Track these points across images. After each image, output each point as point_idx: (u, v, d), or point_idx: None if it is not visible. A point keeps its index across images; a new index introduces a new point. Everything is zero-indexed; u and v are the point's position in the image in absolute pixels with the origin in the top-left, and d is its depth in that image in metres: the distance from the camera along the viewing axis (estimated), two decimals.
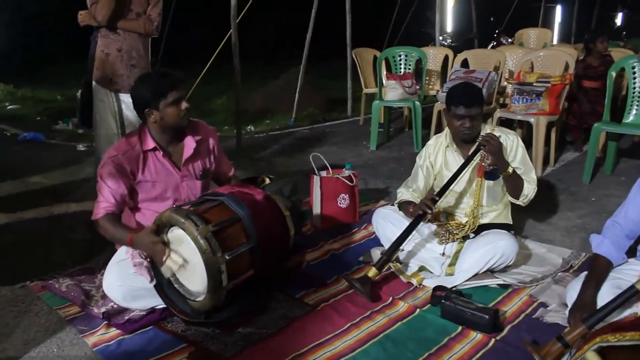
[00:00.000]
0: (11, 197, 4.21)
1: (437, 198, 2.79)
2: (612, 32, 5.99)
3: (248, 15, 6.74)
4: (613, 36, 10.07)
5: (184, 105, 2.52)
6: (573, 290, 2.39)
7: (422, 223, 2.82)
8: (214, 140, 2.84)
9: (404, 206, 2.99)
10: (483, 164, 2.83)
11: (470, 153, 2.86)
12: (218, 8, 6.65)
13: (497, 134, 2.85)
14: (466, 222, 2.93)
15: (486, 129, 2.92)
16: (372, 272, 2.62)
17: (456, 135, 2.90)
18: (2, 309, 2.57)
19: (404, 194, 3.08)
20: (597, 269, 2.35)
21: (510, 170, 2.77)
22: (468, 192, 2.97)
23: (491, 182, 2.88)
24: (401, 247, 2.80)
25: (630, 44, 9.82)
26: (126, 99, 3.48)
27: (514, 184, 2.82)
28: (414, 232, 2.77)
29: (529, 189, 2.84)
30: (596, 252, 2.39)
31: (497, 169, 2.80)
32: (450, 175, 2.87)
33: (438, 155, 3.04)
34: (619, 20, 17.51)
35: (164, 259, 2.35)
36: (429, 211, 2.73)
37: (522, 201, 2.87)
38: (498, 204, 2.96)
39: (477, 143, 2.80)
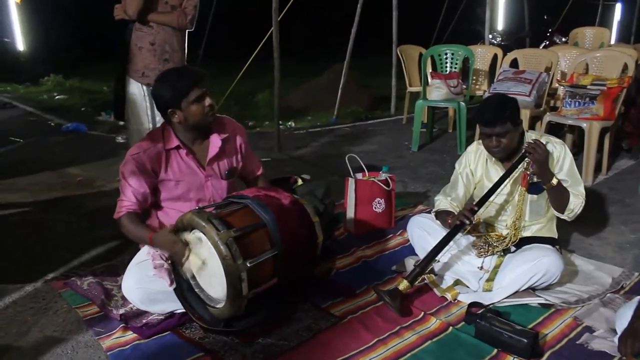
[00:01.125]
0: (46, 187, 4.21)
1: (477, 208, 2.60)
2: None
3: (292, 11, 6.62)
4: None
5: (208, 101, 2.43)
6: (624, 317, 2.17)
7: (460, 234, 2.64)
8: (242, 138, 2.73)
9: (441, 216, 2.81)
10: (527, 172, 2.63)
11: (514, 161, 2.65)
12: (261, 3, 6.57)
13: (543, 141, 2.64)
14: (507, 235, 2.74)
15: (532, 136, 2.71)
16: (403, 284, 2.46)
17: (491, 154, 2.72)
18: (22, 305, 2.55)
19: (442, 202, 2.90)
20: None
21: (555, 181, 2.56)
22: (510, 203, 2.77)
23: (535, 195, 2.68)
24: (436, 259, 2.62)
25: None
26: None
27: (559, 197, 2.61)
28: (450, 243, 2.59)
29: (576, 204, 2.61)
30: None
31: (540, 181, 2.61)
32: (490, 185, 2.69)
33: (479, 164, 2.85)
34: None
35: (183, 259, 2.26)
36: (467, 222, 2.55)
37: (567, 216, 2.65)
38: (542, 217, 2.76)
39: (523, 150, 2.60)
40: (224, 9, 9.12)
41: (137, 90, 3.46)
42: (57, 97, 8.94)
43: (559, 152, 2.68)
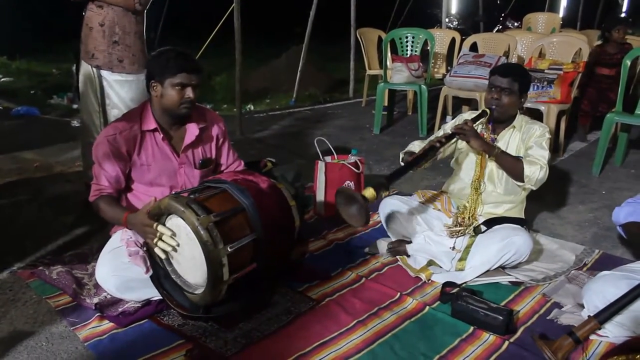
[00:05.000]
0: (1, 174, 4.05)
1: (444, 140, 2.62)
2: (620, 18, 5.87)
3: None
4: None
5: (189, 93, 2.36)
6: (591, 291, 2.30)
7: (427, 158, 2.63)
8: (219, 130, 2.68)
9: (407, 156, 2.80)
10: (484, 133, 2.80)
11: (444, 137, 2.67)
12: None
13: (529, 125, 2.80)
14: (467, 201, 2.83)
15: (521, 120, 2.83)
16: (369, 192, 2.27)
17: (486, 106, 2.78)
18: None
19: (415, 145, 2.88)
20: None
21: (497, 151, 2.66)
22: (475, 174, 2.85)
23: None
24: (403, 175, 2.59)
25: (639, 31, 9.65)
26: (107, 76, 3.31)
27: (509, 165, 2.67)
28: (413, 169, 2.61)
29: (532, 170, 2.60)
30: (630, 221, 2.43)
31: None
32: (472, 158, 2.83)
33: None
34: (624, 5, 17.27)
35: (154, 241, 2.18)
36: (438, 145, 2.58)
37: (529, 184, 2.66)
38: (517, 196, 2.84)
39: (452, 131, 2.68)
40: None
41: (88, 72, 3.33)
42: (2, 79, 8.55)
43: (541, 131, 2.77)
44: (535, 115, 4.84)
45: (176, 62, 2.34)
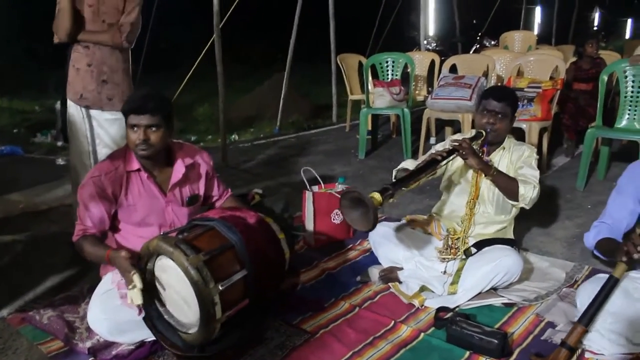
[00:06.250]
0: None
1: (445, 154, 2.61)
2: (592, 33, 6.05)
3: (231, 20, 6.58)
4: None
5: (138, 136, 2.34)
6: (585, 293, 2.35)
7: (428, 171, 2.59)
8: (207, 166, 2.69)
9: (401, 172, 2.80)
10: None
11: (445, 151, 2.68)
12: (202, 12, 6.49)
13: (517, 146, 2.88)
14: (462, 221, 2.84)
15: (510, 142, 2.89)
16: (375, 196, 2.23)
17: (480, 130, 2.81)
18: None
19: (407, 163, 2.90)
20: (608, 240, 2.46)
21: (493, 171, 2.68)
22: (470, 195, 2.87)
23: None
24: (404, 188, 2.44)
25: (612, 45, 9.86)
26: (97, 115, 3.30)
27: (504, 184, 2.69)
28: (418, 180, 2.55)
29: (527, 189, 2.64)
30: (598, 240, 2.51)
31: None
32: (466, 179, 2.87)
33: (459, 158, 2.83)
34: (596, 20, 17.67)
35: (129, 287, 2.13)
36: (439, 158, 2.58)
37: (523, 203, 2.69)
38: (507, 215, 2.87)
39: (450, 147, 2.70)
40: (162, 21, 8.93)
41: (76, 112, 3.32)
42: None
43: (529, 152, 2.84)
44: (517, 133, 4.93)
45: (127, 103, 2.36)
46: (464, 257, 2.78)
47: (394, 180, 2.45)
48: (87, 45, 3.23)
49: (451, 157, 2.67)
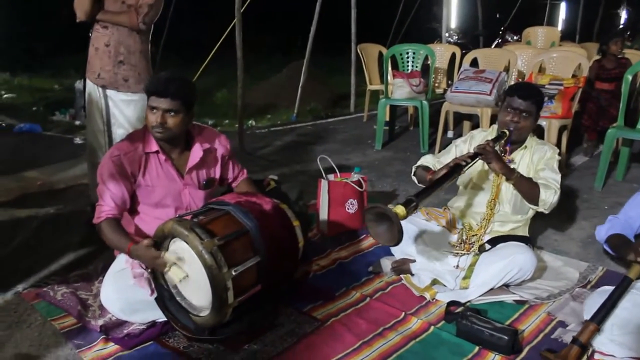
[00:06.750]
0: (4, 193, 4.06)
1: (470, 160, 2.57)
2: (618, 31, 5.87)
3: (252, 6, 6.56)
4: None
5: (155, 118, 2.35)
6: (592, 302, 2.34)
7: (453, 177, 2.54)
8: (224, 149, 2.69)
9: (420, 170, 2.85)
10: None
11: (468, 156, 2.64)
12: None
13: (539, 145, 2.85)
14: (482, 219, 2.83)
15: (532, 141, 2.86)
16: (399, 209, 2.16)
17: (503, 127, 2.78)
18: None
19: (428, 159, 2.94)
20: (618, 237, 2.54)
21: (516, 175, 2.65)
22: (486, 196, 2.85)
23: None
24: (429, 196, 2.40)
25: (638, 44, 9.70)
26: (113, 95, 3.33)
27: (526, 189, 2.68)
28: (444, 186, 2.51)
29: (548, 194, 2.64)
30: (609, 235, 2.59)
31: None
32: (488, 179, 2.85)
33: None
34: (622, 18, 17.36)
35: (165, 270, 2.21)
36: (464, 163, 2.54)
37: (542, 208, 2.69)
38: (524, 216, 2.85)
39: (474, 151, 2.66)
40: (183, 5, 8.93)
41: (94, 91, 3.35)
42: (5, 95, 8.59)
43: (551, 153, 2.82)
44: (537, 131, 4.87)
45: (151, 84, 2.37)
46: (477, 252, 2.77)
47: (418, 192, 2.34)
48: (105, 26, 3.26)
49: (474, 162, 2.64)
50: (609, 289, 2.35)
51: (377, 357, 2.21)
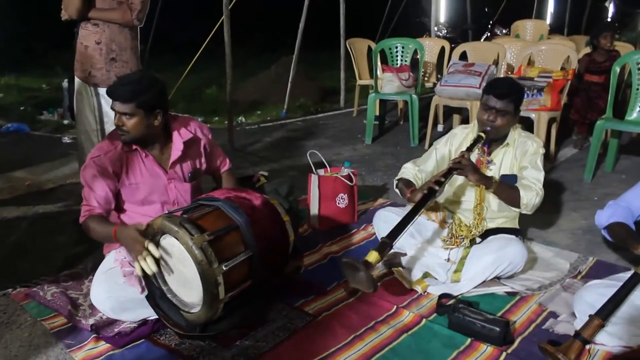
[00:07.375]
0: None
1: (443, 179, 2.60)
2: (607, 25, 5.86)
3: (241, 2, 6.52)
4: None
5: (116, 120, 2.35)
6: (582, 300, 2.34)
7: (428, 204, 2.59)
8: (206, 139, 2.67)
9: (401, 185, 2.85)
10: (481, 158, 2.79)
11: (442, 175, 2.65)
12: None
13: (523, 139, 2.79)
14: (471, 224, 2.82)
15: (515, 135, 2.81)
16: (373, 256, 2.31)
17: (480, 128, 2.76)
18: None
19: (408, 170, 2.94)
20: (622, 227, 2.47)
21: (494, 183, 2.66)
22: (474, 192, 2.84)
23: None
24: (403, 232, 2.48)
25: (625, 36, 9.75)
26: (105, 93, 3.31)
27: (506, 195, 2.69)
28: (415, 220, 2.54)
29: (529, 197, 2.64)
30: (612, 222, 2.52)
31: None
32: (470, 185, 2.80)
33: (460, 149, 2.86)
34: (610, 11, 17.41)
35: (139, 257, 2.11)
36: (437, 187, 2.54)
37: (525, 210, 2.71)
38: (510, 212, 2.84)
39: (451, 164, 2.67)
40: (171, 2, 8.87)
41: (84, 90, 3.32)
42: None
43: (534, 148, 2.78)
44: (526, 123, 4.89)
45: (109, 87, 2.36)
46: (468, 245, 2.77)
47: (391, 232, 2.45)
48: (96, 23, 3.22)
49: (449, 178, 2.64)
50: (597, 282, 2.37)
51: (369, 351, 2.21)
